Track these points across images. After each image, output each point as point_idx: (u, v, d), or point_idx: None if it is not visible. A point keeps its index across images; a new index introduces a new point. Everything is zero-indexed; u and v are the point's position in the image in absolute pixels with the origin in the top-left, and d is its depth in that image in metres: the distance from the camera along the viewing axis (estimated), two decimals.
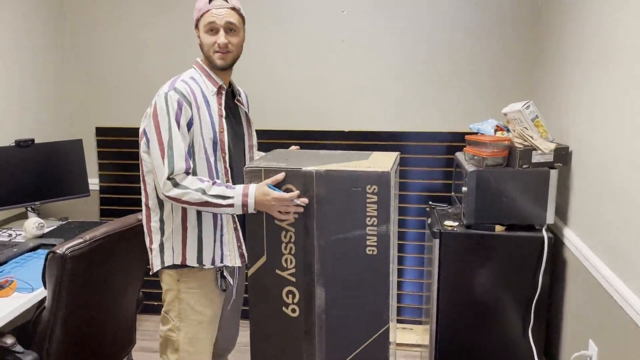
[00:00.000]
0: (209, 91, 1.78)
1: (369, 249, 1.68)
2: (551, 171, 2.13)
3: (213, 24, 1.74)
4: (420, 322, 3.04)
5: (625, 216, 1.63)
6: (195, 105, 1.72)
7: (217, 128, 1.76)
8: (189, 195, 1.65)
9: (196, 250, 1.77)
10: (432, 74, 2.87)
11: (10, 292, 1.92)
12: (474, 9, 2.77)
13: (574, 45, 2.15)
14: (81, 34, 3.11)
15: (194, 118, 1.71)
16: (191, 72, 1.81)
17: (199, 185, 1.66)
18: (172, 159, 1.65)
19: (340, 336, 1.75)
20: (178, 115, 1.67)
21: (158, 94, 1.71)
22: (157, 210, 1.79)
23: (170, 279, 1.82)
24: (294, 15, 2.92)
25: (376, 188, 1.64)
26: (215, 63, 1.77)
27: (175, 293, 1.81)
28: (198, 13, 1.76)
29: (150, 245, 1.82)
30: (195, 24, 1.80)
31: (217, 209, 1.68)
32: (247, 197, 1.67)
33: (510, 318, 2.22)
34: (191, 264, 1.78)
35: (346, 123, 2.97)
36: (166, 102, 1.68)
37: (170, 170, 1.65)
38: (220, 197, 1.67)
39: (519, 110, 2.19)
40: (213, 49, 1.76)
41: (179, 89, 1.70)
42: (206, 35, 1.76)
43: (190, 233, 1.76)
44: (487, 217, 2.19)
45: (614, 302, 1.66)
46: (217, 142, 1.76)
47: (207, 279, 1.83)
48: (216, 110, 1.78)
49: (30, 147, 2.72)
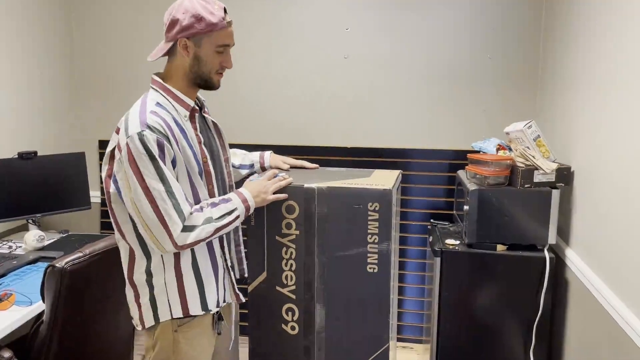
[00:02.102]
0: (181, 117, 1.53)
1: (370, 267, 1.68)
2: (553, 191, 2.13)
3: (228, 46, 1.56)
4: (420, 341, 3.01)
5: (627, 237, 1.62)
6: (174, 139, 1.46)
7: (199, 158, 1.54)
8: (204, 232, 1.48)
9: (198, 297, 1.57)
10: (435, 92, 2.88)
11: (8, 305, 1.91)
12: (477, 29, 2.79)
13: (577, 66, 2.16)
14: (86, 47, 3.14)
15: (176, 156, 1.47)
16: (155, 97, 1.52)
17: (205, 216, 1.49)
18: (179, 207, 1.44)
19: (339, 355, 1.74)
20: (161, 157, 1.42)
21: (128, 134, 1.41)
22: (143, 262, 1.54)
23: (163, 330, 1.56)
24: (298, 32, 2.94)
25: (378, 206, 1.64)
26: (214, 85, 1.58)
27: (169, 344, 1.56)
28: (209, 27, 1.49)
29: (135, 300, 1.56)
30: (191, 35, 1.49)
31: (228, 228, 1.56)
32: (247, 202, 1.59)
33: (512, 338, 2.20)
34: (195, 312, 1.57)
35: (349, 140, 2.98)
36: (144, 144, 1.40)
37: (183, 219, 1.44)
38: (226, 215, 1.54)
39: (521, 129, 2.20)
40: (217, 70, 1.56)
41: (153, 125, 1.42)
42: (214, 55, 1.53)
43: (187, 280, 1.55)
44: (488, 236, 2.19)
45: (615, 324, 1.65)
46: (203, 173, 1.56)
47: (206, 324, 1.62)
48: (194, 138, 1.55)
49: (33, 159, 2.72)
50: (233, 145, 2.88)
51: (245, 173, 1.96)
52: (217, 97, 3.01)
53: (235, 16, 2.95)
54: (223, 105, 3.03)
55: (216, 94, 3.00)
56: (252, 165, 1.96)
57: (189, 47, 1.51)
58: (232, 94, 3.01)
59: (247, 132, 3.04)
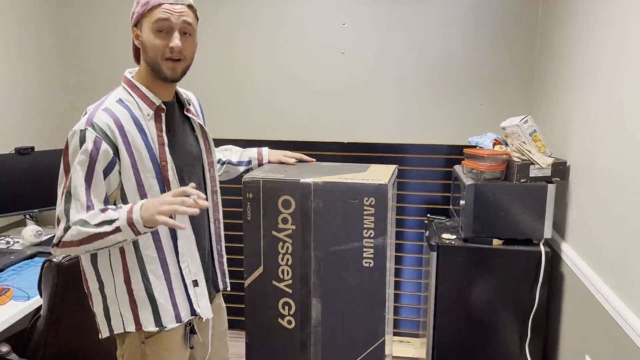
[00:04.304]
0: (142, 116, 1.43)
1: (366, 261, 1.68)
2: (549, 185, 2.13)
3: (166, 23, 1.39)
4: (417, 335, 3.03)
5: (622, 232, 1.63)
6: (123, 140, 1.39)
7: (159, 162, 1.44)
8: (69, 234, 1.34)
9: (151, 311, 1.47)
10: (432, 87, 2.88)
11: (6, 300, 1.92)
12: (474, 23, 2.79)
13: (574, 60, 2.17)
14: (84, 41, 3.13)
15: (122, 158, 1.39)
16: (119, 93, 1.45)
17: (79, 217, 1.34)
18: (78, 210, 1.36)
19: (335, 349, 1.75)
20: (93, 159, 1.35)
21: (73, 128, 1.38)
22: (92, 269, 1.47)
23: (131, 340, 1.51)
24: (295, 27, 2.94)
25: (373, 200, 1.64)
26: (164, 73, 1.43)
27: (136, 356, 1.51)
28: (143, 7, 1.39)
29: (92, 308, 1.52)
30: (135, 21, 1.42)
31: (107, 240, 1.34)
32: (131, 214, 1.33)
33: (507, 332, 2.22)
34: (148, 328, 1.48)
35: (345, 134, 2.98)
36: (80, 141, 1.35)
37: (66, 225, 1.35)
38: (105, 224, 1.33)
39: (517, 124, 2.20)
40: (162, 54, 1.41)
41: (98, 124, 1.36)
42: (153, 37, 1.39)
43: (138, 295, 1.46)
44: (484, 231, 2.20)
45: (610, 318, 1.66)
46: (162, 179, 1.45)
47: (175, 337, 1.54)
48: (155, 139, 1.44)
49: (30, 154, 2.72)
50: (228, 141, 2.90)
51: (243, 169, 1.95)
52: (212, 92, 3.02)
53: (232, 12, 2.96)
54: (218, 101, 3.03)
55: (212, 90, 3.02)
56: (249, 161, 1.95)
57: (138, 36, 1.44)
58: (228, 90, 3.01)
59: (243, 128, 3.04)
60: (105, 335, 1.51)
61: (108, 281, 1.47)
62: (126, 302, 1.47)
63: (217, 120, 3.00)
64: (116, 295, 1.47)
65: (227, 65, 2.98)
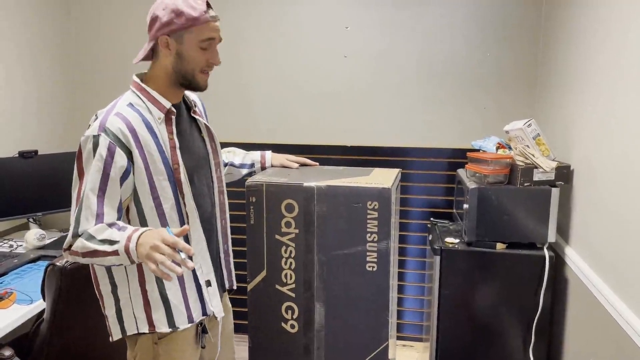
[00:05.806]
0: (154, 119, 1.46)
1: (369, 265, 1.68)
2: (552, 189, 2.13)
3: (213, 41, 1.46)
4: (420, 339, 3.02)
5: (626, 236, 1.63)
6: (137, 144, 1.41)
7: (170, 164, 1.46)
8: (76, 245, 1.36)
9: (164, 313, 1.50)
10: (435, 91, 2.88)
11: (9, 303, 1.92)
12: (477, 26, 2.79)
13: (577, 64, 2.16)
14: (87, 44, 3.14)
15: (136, 162, 1.41)
16: (129, 97, 1.49)
17: (87, 226, 1.35)
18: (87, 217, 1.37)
19: (339, 353, 1.74)
20: (108, 165, 1.37)
21: (86, 133, 1.40)
22: (105, 271, 1.49)
23: (143, 342, 1.52)
24: (297, 31, 2.94)
25: (377, 204, 1.64)
26: (198, 84, 1.49)
27: (148, 357, 1.53)
28: (189, 21, 1.41)
29: (103, 311, 1.53)
30: (171, 31, 1.43)
31: (104, 260, 1.35)
32: (129, 242, 1.31)
33: (511, 337, 2.21)
34: (162, 329, 1.50)
35: (348, 138, 2.98)
36: (94, 147, 1.37)
37: (75, 231, 1.37)
38: (107, 244, 1.34)
39: (520, 128, 2.20)
40: (201, 68, 1.47)
41: (111, 129, 1.38)
42: (200, 52, 1.45)
43: (152, 296, 1.49)
44: (488, 235, 2.19)
45: (615, 323, 1.65)
46: (175, 181, 1.47)
47: (188, 337, 1.57)
48: (167, 142, 1.46)
49: (34, 158, 2.73)
50: (231, 144, 2.90)
51: (245, 172, 1.95)
52: (216, 96, 3.02)
53: (234, 15, 2.97)
54: (222, 104, 3.03)
55: (215, 93, 3.03)
56: (252, 164, 1.95)
57: (170, 45, 1.44)
58: (231, 93, 3.01)
59: (246, 131, 3.04)
60: (116, 337, 1.52)
61: (122, 283, 1.49)
62: (140, 304, 1.49)
63: (221, 123, 3.00)
64: (130, 297, 1.49)
65: (231, 69, 2.99)
